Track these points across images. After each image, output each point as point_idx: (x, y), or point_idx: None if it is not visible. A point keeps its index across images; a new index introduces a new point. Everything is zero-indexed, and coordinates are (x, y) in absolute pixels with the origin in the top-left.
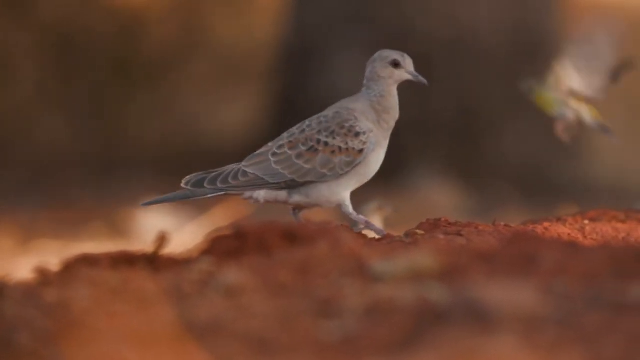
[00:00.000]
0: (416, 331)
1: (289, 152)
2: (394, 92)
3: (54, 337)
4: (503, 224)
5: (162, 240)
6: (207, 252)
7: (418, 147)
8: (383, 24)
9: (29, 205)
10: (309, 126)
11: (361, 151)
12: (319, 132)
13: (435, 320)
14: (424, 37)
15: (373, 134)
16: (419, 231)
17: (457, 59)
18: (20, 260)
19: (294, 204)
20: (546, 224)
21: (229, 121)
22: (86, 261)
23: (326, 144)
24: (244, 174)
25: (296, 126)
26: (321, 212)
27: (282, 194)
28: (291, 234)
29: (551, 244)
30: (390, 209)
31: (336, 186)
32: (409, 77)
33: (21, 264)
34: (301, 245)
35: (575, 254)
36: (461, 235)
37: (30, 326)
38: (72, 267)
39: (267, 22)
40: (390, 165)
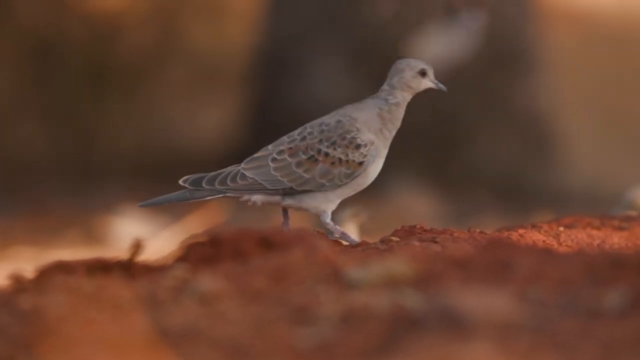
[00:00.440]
0: (391, 338)
1: (288, 159)
2: (405, 105)
3: (28, 344)
4: (478, 230)
5: (137, 247)
6: (182, 258)
7: (394, 154)
8: (358, 31)
9: (3, 212)
10: (310, 133)
11: (361, 163)
12: (320, 141)
13: (411, 326)
14: (399, 43)
15: (374, 146)
16: (394, 238)
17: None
18: None
19: (285, 206)
20: (521, 231)
21: (205, 127)
22: (61, 268)
23: (327, 154)
24: (243, 177)
25: (297, 130)
26: (296, 218)
27: (277, 197)
28: (266, 241)
29: (526, 250)
30: (365, 215)
31: (332, 195)
32: (432, 85)
33: None
34: (276, 252)
35: (550, 261)
36: (436, 242)
37: (5, 333)
38: (47, 274)
39: (242, 29)
40: None
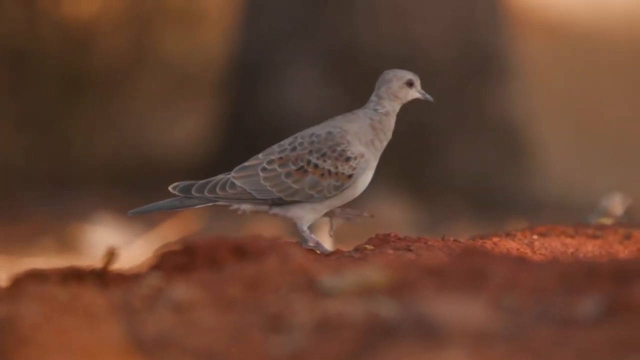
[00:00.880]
0: (365, 346)
1: (278, 169)
2: (395, 114)
3: (2, 352)
4: (452, 239)
5: (111, 255)
6: (156, 267)
7: None
8: (332, 40)
9: None
10: (300, 144)
11: (350, 176)
12: (310, 152)
13: (385, 335)
14: (374, 53)
15: (364, 158)
16: (369, 246)
17: None
18: None
19: (272, 214)
20: (495, 239)
21: (179, 136)
22: (35, 276)
23: (316, 166)
24: (232, 185)
25: (288, 140)
26: (271, 226)
27: (263, 207)
28: (240, 249)
29: (500, 258)
30: (336, 223)
31: (320, 206)
32: (419, 95)
33: None
34: (251, 261)
35: (524, 269)
36: (410, 250)
37: None
38: (21, 282)
39: (216, 38)
40: None
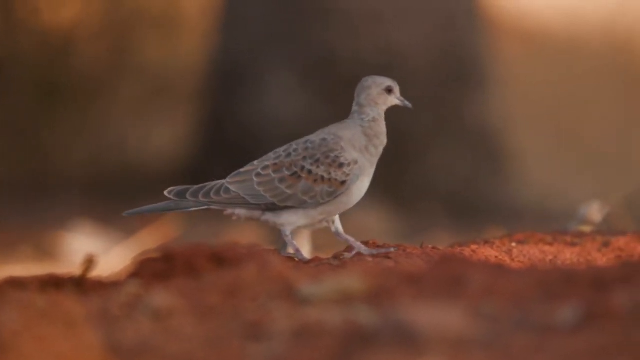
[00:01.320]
0: (344, 353)
1: (272, 174)
2: (383, 119)
3: None
4: (431, 246)
5: (89, 263)
6: (134, 274)
7: None
8: (312, 47)
9: None
10: (295, 150)
11: (344, 182)
12: (304, 158)
13: (363, 342)
14: (352, 60)
15: (358, 165)
16: (347, 254)
17: None
18: None
19: (263, 222)
20: (474, 247)
21: (158, 144)
22: (14, 284)
23: (310, 171)
24: (227, 190)
25: (283, 147)
26: (249, 234)
27: (256, 213)
28: (219, 257)
29: (479, 266)
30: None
31: (313, 212)
32: (398, 102)
33: None
34: (229, 268)
35: (502, 277)
36: (389, 258)
37: None
38: (0, 290)
39: (195, 45)
40: None
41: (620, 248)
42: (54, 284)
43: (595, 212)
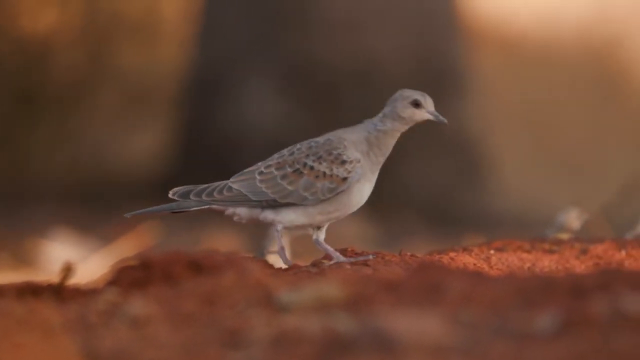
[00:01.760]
0: None
1: (275, 172)
2: (397, 134)
3: None
4: (409, 253)
5: (67, 270)
6: (112, 282)
7: None
8: (290, 54)
9: None
10: (299, 149)
11: (345, 179)
12: (307, 156)
13: (342, 349)
14: (330, 67)
15: (360, 164)
16: (326, 261)
17: (363, 89)
18: None
19: (262, 219)
20: (452, 254)
21: (136, 151)
22: None
23: (311, 168)
24: (229, 189)
25: (287, 148)
26: (227, 241)
27: (257, 211)
28: (197, 264)
29: (457, 273)
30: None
31: (313, 210)
32: (430, 116)
33: None
34: (207, 276)
35: (481, 284)
36: (367, 265)
37: None
38: None
39: (173, 52)
40: None
41: (598, 255)
42: (31, 291)
43: (573, 219)
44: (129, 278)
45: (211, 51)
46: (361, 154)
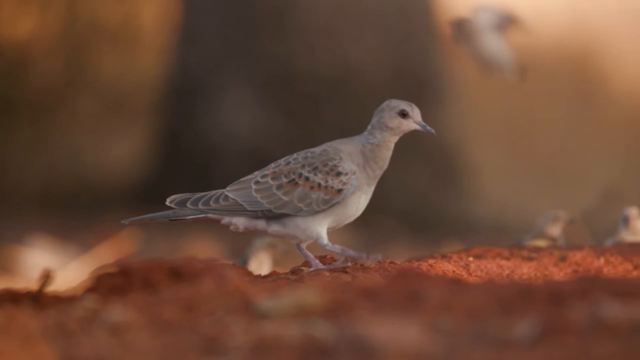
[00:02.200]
0: None
1: (270, 182)
2: (391, 145)
3: None
4: (388, 261)
5: (46, 277)
6: (91, 289)
7: None
8: (269, 62)
9: None
10: (295, 159)
11: (340, 191)
12: (303, 166)
13: (321, 356)
14: (309, 75)
15: (355, 176)
16: (305, 268)
17: (342, 97)
18: None
19: (272, 234)
20: (431, 261)
21: (114, 159)
22: None
23: (307, 178)
24: (225, 198)
25: (284, 158)
26: (207, 248)
27: (261, 222)
28: (176, 271)
29: (436, 280)
30: (281, 249)
31: (312, 220)
32: (417, 127)
33: None
34: (186, 283)
35: (459, 291)
36: (346, 272)
37: None
38: None
39: (152, 60)
40: None
41: (576, 263)
42: (10, 298)
43: (552, 226)
44: (108, 285)
45: (190, 59)
46: (357, 166)
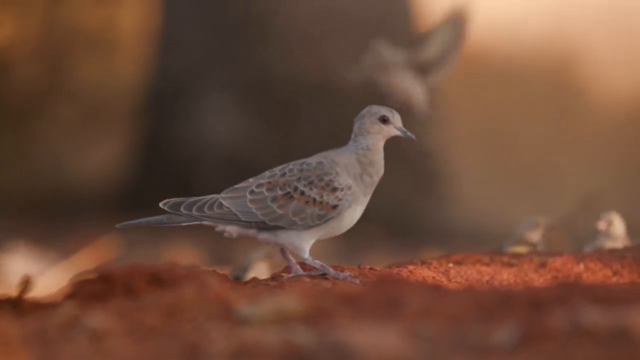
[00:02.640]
0: None
1: (265, 193)
2: (381, 148)
3: None
4: (368, 267)
5: (26, 284)
6: (71, 295)
7: None
8: (248, 68)
9: None
10: (290, 170)
11: (335, 207)
12: (299, 179)
13: None
14: (289, 81)
15: (351, 191)
16: (285, 274)
17: (321, 104)
18: None
19: (261, 240)
20: (411, 267)
21: (94, 164)
22: None
23: (302, 192)
24: (220, 205)
25: (280, 167)
26: (188, 255)
27: (253, 230)
28: (157, 278)
29: (416, 287)
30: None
31: (305, 234)
32: (397, 132)
33: None
34: (167, 289)
35: (439, 297)
36: (327, 279)
37: None
38: None
39: (131, 66)
40: None
41: (556, 269)
42: None
43: (532, 232)
44: (89, 291)
45: (169, 65)
46: (353, 178)
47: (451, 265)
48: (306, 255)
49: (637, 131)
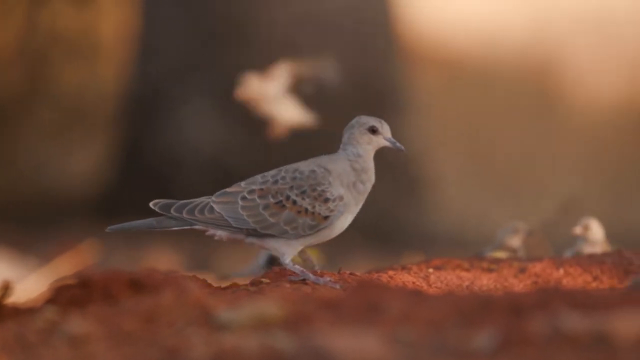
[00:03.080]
0: None
1: (257, 200)
2: (371, 156)
3: None
4: (348, 272)
5: (5, 289)
6: (51, 301)
7: None
8: (229, 74)
9: None
10: (283, 178)
11: (327, 217)
12: (291, 188)
13: None
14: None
15: (343, 202)
16: (265, 280)
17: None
18: None
19: (248, 244)
20: (391, 272)
21: (75, 170)
22: None
23: (294, 202)
24: (211, 210)
25: (273, 171)
26: (167, 260)
27: (241, 235)
28: (136, 283)
29: (396, 292)
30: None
31: (295, 243)
32: (387, 143)
33: None
34: (147, 294)
35: (419, 302)
36: (307, 284)
37: None
38: None
39: (112, 71)
40: None
41: (536, 274)
42: None
43: (512, 238)
44: (68, 296)
45: (150, 70)
46: (347, 187)
47: (431, 270)
48: (287, 260)
49: (617, 136)
